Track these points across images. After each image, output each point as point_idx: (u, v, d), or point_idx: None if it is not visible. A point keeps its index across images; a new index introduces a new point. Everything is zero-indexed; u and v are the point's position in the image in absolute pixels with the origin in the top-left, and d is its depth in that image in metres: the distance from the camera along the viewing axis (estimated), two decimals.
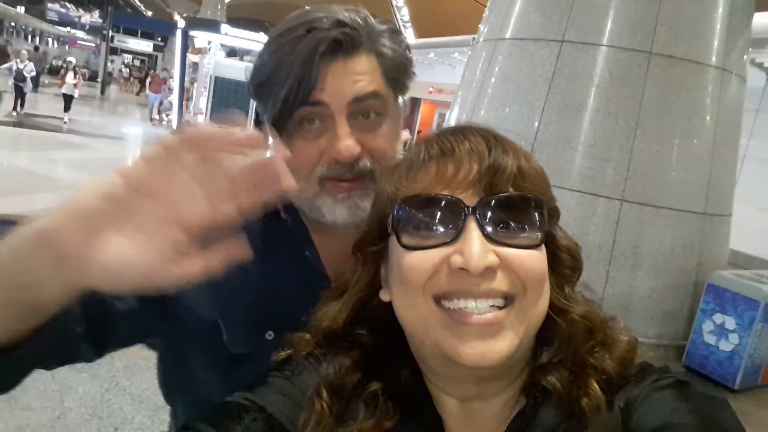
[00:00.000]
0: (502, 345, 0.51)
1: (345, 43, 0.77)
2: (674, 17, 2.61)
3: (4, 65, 13.65)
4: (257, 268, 0.85)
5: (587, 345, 0.57)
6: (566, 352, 0.56)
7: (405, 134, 0.89)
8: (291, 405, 0.57)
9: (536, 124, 2.75)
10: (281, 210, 0.86)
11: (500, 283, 0.51)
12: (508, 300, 0.52)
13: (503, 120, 2.94)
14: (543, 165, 0.59)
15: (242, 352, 0.83)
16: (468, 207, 0.52)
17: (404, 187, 0.55)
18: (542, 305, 0.54)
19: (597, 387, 0.55)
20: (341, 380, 0.58)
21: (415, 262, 0.53)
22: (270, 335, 0.84)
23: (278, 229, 0.88)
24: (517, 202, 0.54)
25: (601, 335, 0.58)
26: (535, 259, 0.53)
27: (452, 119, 3.35)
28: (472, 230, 0.51)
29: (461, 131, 0.57)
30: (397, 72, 0.84)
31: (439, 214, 0.53)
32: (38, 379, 2.91)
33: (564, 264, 0.58)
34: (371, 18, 0.82)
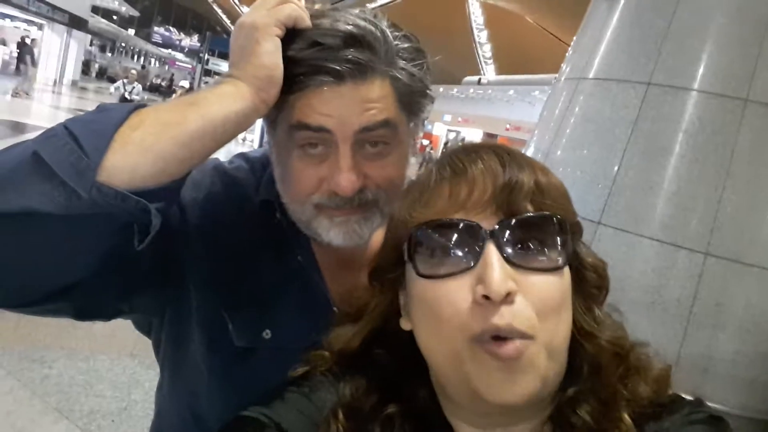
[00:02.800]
0: (527, 382, 0.49)
1: (355, 68, 0.69)
2: None
3: (113, 85, 13.82)
4: (255, 263, 0.83)
5: (618, 371, 0.53)
6: (596, 380, 0.53)
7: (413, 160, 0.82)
8: (308, 423, 0.56)
9: (616, 167, 2.65)
10: (277, 211, 0.82)
11: (521, 311, 0.49)
12: (530, 336, 0.49)
13: (581, 161, 2.85)
14: (621, 210, 0.56)
15: (244, 346, 0.80)
16: (486, 231, 0.50)
17: (417, 212, 0.53)
18: (562, 335, 0.51)
19: (629, 419, 0.51)
20: (358, 402, 0.57)
21: (442, 295, 0.51)
22: (267, 334, 0.81)
23: (274, 229, 0.84)
24: (538, 222, 0.51)
25: (633, 360, 0.54)
26: (555, 287, 0.50)
27: None
28: (492, 254, 0.49)
29: (473, 150, 0.54)
30: (413, 96, 0.76)
31: (456, 239, 0.51)
32: (111, 370, 3.14)
33: (590, 283, 0.55)
34: (390, 31, 0.73)
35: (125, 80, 11.98)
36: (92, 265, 0.63)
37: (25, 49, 19.36)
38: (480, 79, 27.43)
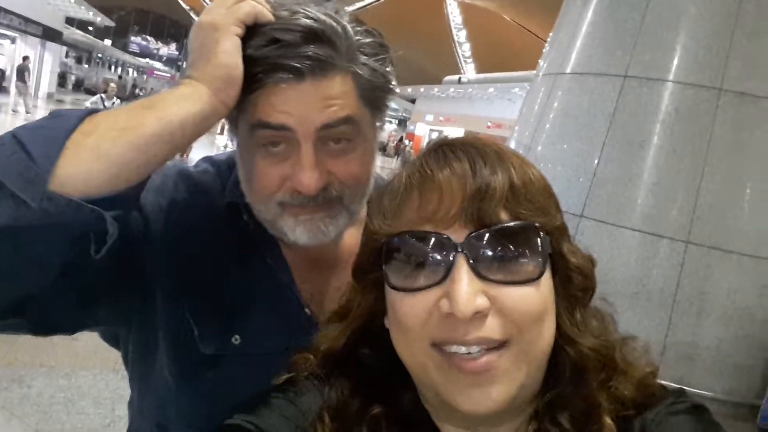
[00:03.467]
0: (500, 392, 0.48)
1: (315, 64, 0.68)
2: (747, 52, 2.49)
3: (88, 101, 12.21)
4: (222, 267, 0.82)
5: (600, 377, 0.52)
6: (577, 386, 0.52)
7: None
8: (294, 428, 0.55)
9: (596, 161, 2.67)
10: (243, 212, 0.81)
11: (491, 330, 0.47)
12: (503, 343, 0.48)
13: (562, 156, 2.87)
14: (602, 203, 0.54)
15: (211, 353, 0.78)
16: (456, 244, 0.48)
17: (388, 222, 0.52)
18: (543, 343, 0.50)
19: (611, 422, 0.50)
20: (343, 405, 0.56)
21: (407, 307, 0.50)
22: (236, 339, 0.80)
23: (241, 231, 0.82)
24: (512, 232, 0.49)
25: (616, 363, 0.53)
26: (531, 298, 0.48)
27: None
28: (461, 269, 0.47)
29: (444, 153, 0.52)
30: (375, 92, 0.75)
31: (426, 252, 0.49)
32: (94, 386, 3.08)
33: (575, 285, 0.53)
34: (352, 26, 0.72)
35: (103, 95, 10.99)
36: (47, 277, 0.60)
37: (22, 67, 19.40)
38: (460, 78, 27.58)
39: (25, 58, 20.45)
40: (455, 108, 28.94)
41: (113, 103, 11.87)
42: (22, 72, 19.35)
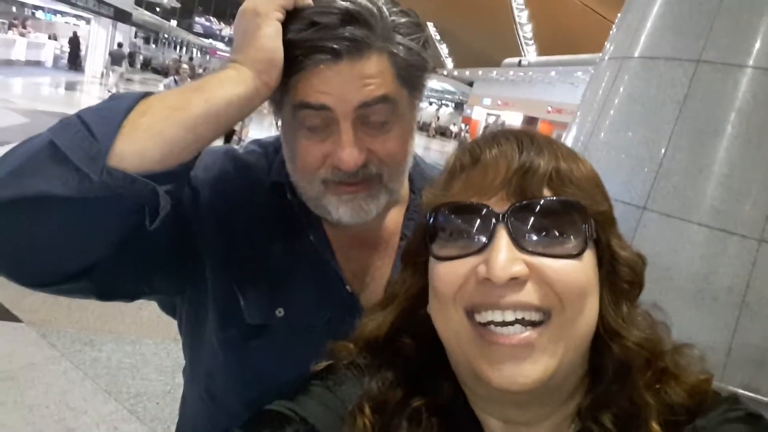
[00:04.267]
0: (535, 369, 0.47)
1: (352, 45, 0.71)
2: None
3: (162, 83, 12.42)
4: (267, 243, 0.87)
5: (647, 377, 0.51)
6: (622, 385, 0.50)
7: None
8: (333, 417, 0.55)
9: (663, 150, 2.54)
10: (288, 191, 0.85)
11: (529, 295, 0.47)
12: (545, 316, 0.48)
13: (626, 144, 2.74)
14: (668, 195, 0.52)
15: (257, 323, 0.82)
16: (497, 214, 0.49)
17: (437, 197, 0.53)
18: (585, 323, 0.49)
19: (657, 428, 0.49)
20: (384, 396, 0.58)
21: (444, 273, 0.51)
22: (280, 312, 0.84)
23: (286, 209, 0.86)
24: (554, 207, 0.49)
25: (666, 366, 0.52)
26: (574, 270, 0.48)
27: (569, 140, 3.19)
28: (501, 238, 0.47)
29: (494, 136, 0.54)
30: (412, 71, 0.77)
31: (469, 222, 0.50)
32: (156, 354, 3.26)
33: (622, 278, 0.52)
34: (387, 7, 0.74)
35: (176, 77, 10.77)
36: (108, 246, 0.67)
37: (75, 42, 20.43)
38: (520, 61, 26.80)
39: (120, 45, 21.66)
40: (514, 92, 28.17)
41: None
42: (118, 57, 20.50)
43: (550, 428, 0.54)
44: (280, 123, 0.83)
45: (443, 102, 44.99)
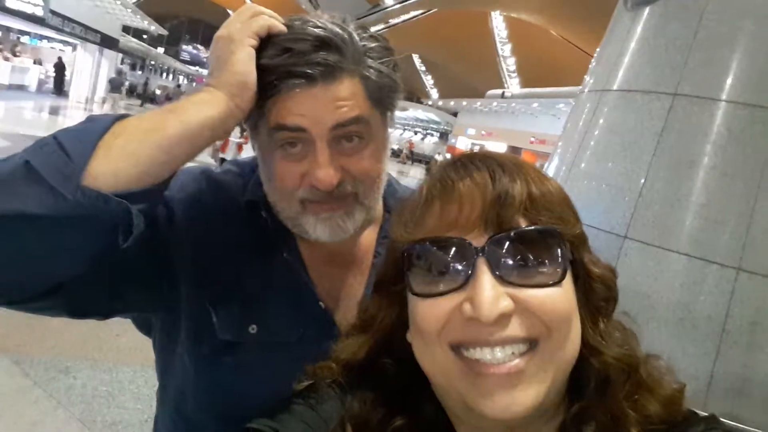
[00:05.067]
0: (527, 396, 0.47)
1: (326, 69, 0.74)
2: None
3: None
4: (240, 261, 0.87)
5: (625, 389, 0.52)
6: (603, 398, 0.51)
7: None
8: None
9: (642, 180, 2.60)
10: (262, 209, 0.86)
11: (516, 329, 0.47)
12: (532, 344, 0.48)
13: (606, 174, 2.80)
14: (648, 224, 0.53)
15: (229, 339, 0.83)
16: (476, 248, 0.48)
17: (410, 230, 0.53)
18: (571, 347, 0.50)
19: None
20: (366, 414, 0.57)
21: (427, 311, 0.50)
22: (253, 329, 0.84)
23: (260, 227, 0.87)
24: (531, 237, 0.49)
25: (640, 377, 0.53)
26: (557, 298, 0.48)
27: (551, 170, 3.24)
28: (483, 274, 0.47)
29: (464, 164, 0.53)
30: (383, 92, 0.80)
31: (447, 258, 0.50)
32: (133, 382, 3.17)
33: (597, 295, 0.53)
34: (357, 33, 0.77)
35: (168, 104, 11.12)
36: (81, 264, 0.68)
37: (60, 67, 20.49)
38: (504, 93, 27.33)
39: (120, 72, 22.04)
40: (498, 122, 28.66)
41: None
42: (118, 85, 20.78)
43: None
44: (257, 146, 0.85)
45: (428, 131, 45.55)
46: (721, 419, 0.54)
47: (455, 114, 37.04)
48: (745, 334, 2.38)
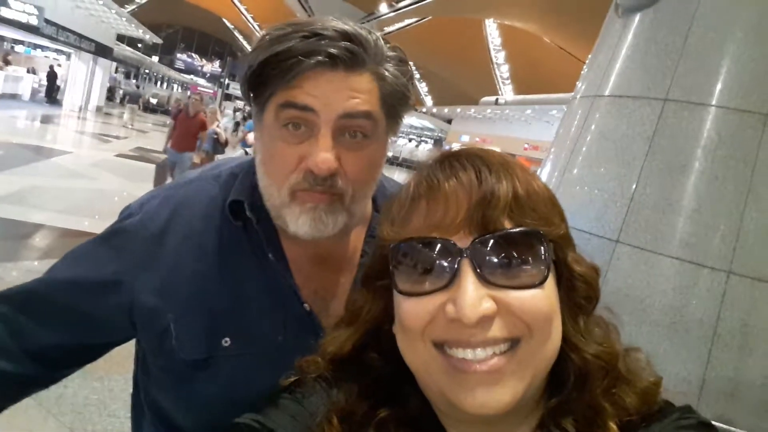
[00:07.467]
0: (506, 393, 0.48)
1: (348, 56, 0.74)
2: None
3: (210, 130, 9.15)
4: (216, 271, 0.87)
5: (604, 383, 0.53)
6: (581, 392, 0.52)
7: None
8: (301, 429, 0.56)
9: (634, 185, 2.61)
10: (247, 208, 0.84)
11: (498, 330, 0.48)
12: (513, 343, 0.49)
13: (598, 179, 2.81)
14: (640, 228, 0.54)
15: (195, 358, 0.81)
16: (461, 249, 0.49)
17: (396, 230, 0.53)
18: (551, 346, 0.51)
19: (615, 428, 0.51)
20: (351, 407, 0.57)
21: (411, 309, 0.51)
22: (227, 342, 0.82)
23: (242, 230, 0.85)
24: (516, 238, 0.50)
25: (619, 371, 0.53)
26: (539, 299, 0.49)
27: (544, 176, 3.26)
28: (466, 275, 0.48)
29: (450, 163, 0.54)
30: (395, 99, 0.81)
31: (432, 258, 0.51)
32: (125, 391, 3.13)
33: (579, 293, 0.54)
34: (381, 41, 0.78)
35: (217, 124, 8.95)
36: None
37: (51, 76, 20.50)
38: (497, 99, 27.49)
39: (137, 86, 22.18)
40: (492, 129, 28.77)
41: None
42: (135, 97, 20.93)
43: None
44: (259, 128, 0.83)
45: (423, 138, 45.69)
46: (714, 422, 0.55)
47: (449, 121, 37.20)
48: (737, 338, 2.39)
